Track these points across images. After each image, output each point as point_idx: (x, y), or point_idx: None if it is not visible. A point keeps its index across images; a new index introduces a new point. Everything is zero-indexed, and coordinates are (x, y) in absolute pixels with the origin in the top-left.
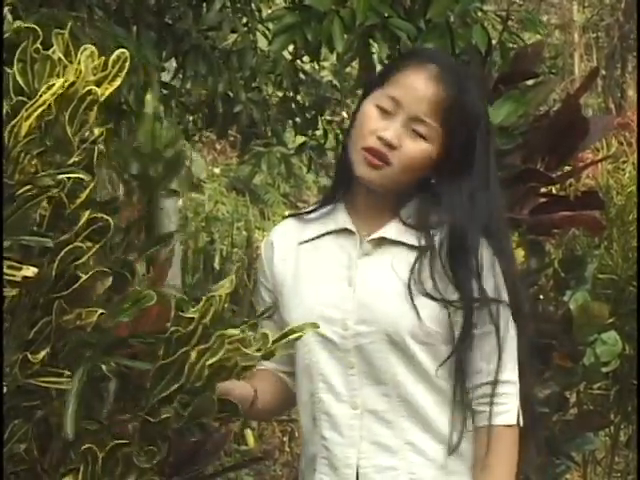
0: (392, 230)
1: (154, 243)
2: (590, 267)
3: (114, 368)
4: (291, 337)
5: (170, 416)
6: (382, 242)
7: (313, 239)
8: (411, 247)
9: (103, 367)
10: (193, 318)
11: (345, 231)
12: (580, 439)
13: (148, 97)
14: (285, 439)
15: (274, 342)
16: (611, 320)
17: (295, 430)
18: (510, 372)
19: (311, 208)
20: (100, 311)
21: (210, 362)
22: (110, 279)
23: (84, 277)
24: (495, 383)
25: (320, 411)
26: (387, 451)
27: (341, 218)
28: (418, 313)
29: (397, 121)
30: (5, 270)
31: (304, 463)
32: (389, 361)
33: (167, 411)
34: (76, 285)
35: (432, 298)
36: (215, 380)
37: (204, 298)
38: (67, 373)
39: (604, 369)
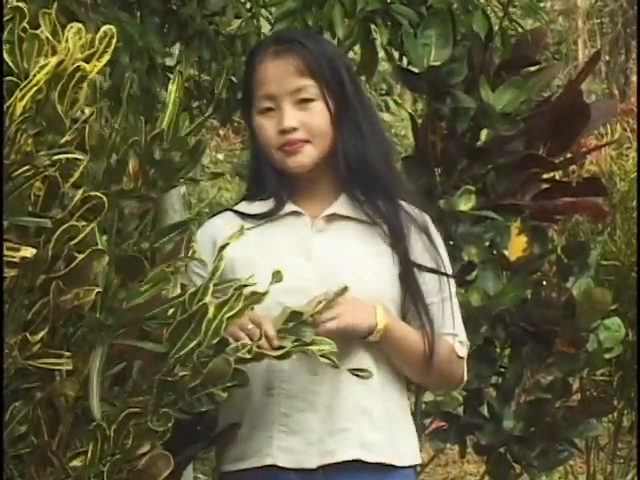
0: (342, 206)
1: (168, 231)
2: (593, 253)
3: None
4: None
5: (188, 374)
6: (334, 218)
7: (256, 227)
8: (362, 221)
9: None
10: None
11: (292, 214)
12: (583, 425)
13: (171, 86)
14: None
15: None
16: (614, 306)
17: None
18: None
19: (248, 208)
20: (97, 289)
21: (229, 315)
22: (106, 258)
23: (80, 257)
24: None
25: (279, 380)
26: (341, 414)
27: (285, 205)
28: (380, 281)
29: (283, 107)
30: (5, 252)
31: (245, 431)
32: None
33: (184, 369)
34: (73, 265)
35: (401, 263)
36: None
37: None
38: (67, 354)
39: (607, 355)
